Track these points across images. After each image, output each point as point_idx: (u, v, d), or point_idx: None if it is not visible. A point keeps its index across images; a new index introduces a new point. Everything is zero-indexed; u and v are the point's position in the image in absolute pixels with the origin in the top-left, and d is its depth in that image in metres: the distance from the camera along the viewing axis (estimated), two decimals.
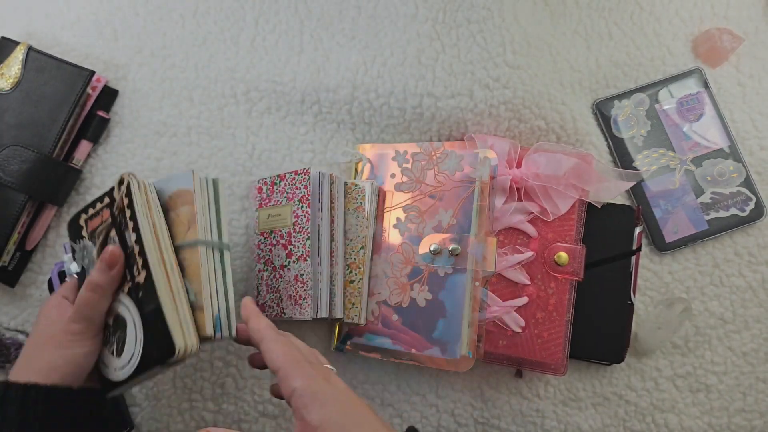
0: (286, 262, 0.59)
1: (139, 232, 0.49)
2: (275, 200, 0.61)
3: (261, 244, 0.62)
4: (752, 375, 0.64)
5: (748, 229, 0.65)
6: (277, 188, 0.61)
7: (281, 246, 0.59)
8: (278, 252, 0.60)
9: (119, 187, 0.51)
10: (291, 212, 0.59)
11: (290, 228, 0.59)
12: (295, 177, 0.59)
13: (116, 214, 0.51)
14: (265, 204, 0.62)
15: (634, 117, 0.67)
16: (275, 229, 0.60)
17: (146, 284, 0.48)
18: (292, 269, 0.58)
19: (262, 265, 0.61)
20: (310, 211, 0.58)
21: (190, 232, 0.51)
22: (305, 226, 0.58)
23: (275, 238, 0.60)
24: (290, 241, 0.59)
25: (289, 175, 0.60)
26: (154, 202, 0.51)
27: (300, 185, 0.59)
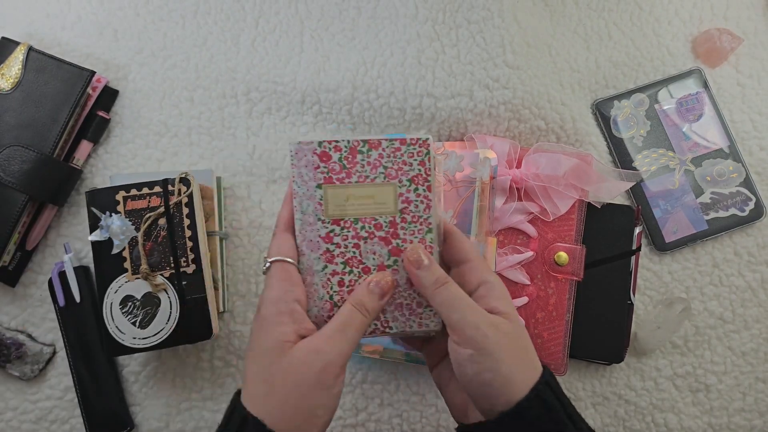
0: (389, 261, 0.45)
1: (195, 230, 0.59)
2: (361, 175, 0.45)
3: (334, 237, 0.45)
4: (752, 375, 0.64)
5: (747, 229, 0.65)
6: (363, 159, 0.44)
7: (379, 240, 0.45)
8: (373, 248, 0.45)
9: (179, 182, 0.59)
10: (395, 195, 0.44)
11: (395, 216, 0.45)
12: (400, 148, 0.44)
13: (171, 206, 0.58)
14: (340, 180, 0.44)
15: (634, 117, 0.67)
16: (363, 216, 0.45)
17: (194, 276, 0.58)
18: (402, 269, 0.45)
19: (340, 265, 0.45)
20: (431, 197, 0.44)
21: (208, 223, 0.62)
22: (423, 215, 0.44)
23: (365, 230, 0.45)
24: (396, 233, 0.44)
25: (389, 143, 0.44)
26: (200, 202, 0.61)
27: (412, 159, 0.44)
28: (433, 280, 0.42)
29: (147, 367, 0.63)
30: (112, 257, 0.58)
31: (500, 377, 0.39)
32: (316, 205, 0.45)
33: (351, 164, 0.44)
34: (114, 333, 0.58)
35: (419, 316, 0.45)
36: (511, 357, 0.40)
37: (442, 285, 0.42)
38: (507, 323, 0.41)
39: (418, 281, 0.43)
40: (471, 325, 0.40)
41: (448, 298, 0.41)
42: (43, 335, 0.64)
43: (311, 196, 0.44)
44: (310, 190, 0.44)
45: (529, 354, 0.42)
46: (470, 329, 0.40)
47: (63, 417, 0.63)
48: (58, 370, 0.63)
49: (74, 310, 0.62)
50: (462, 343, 0.40)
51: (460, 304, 0.41)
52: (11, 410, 0.63)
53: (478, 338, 0.39)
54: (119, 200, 0.59)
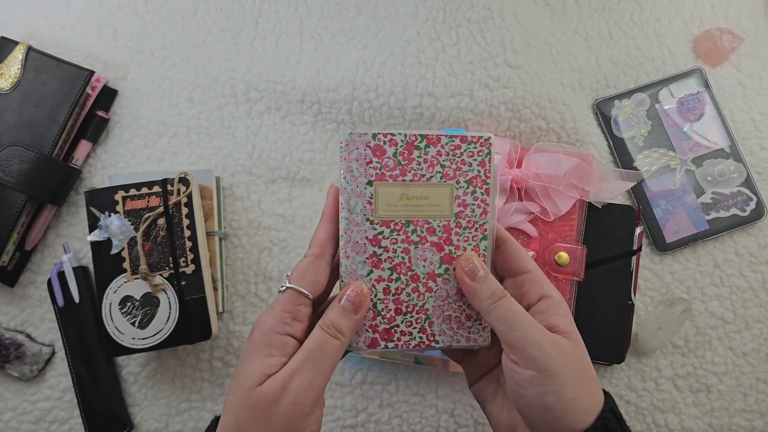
0: (440, 270, 0.41)
1: (194, 230, 0.59)
2: (416, 173, 0.40)
3: (382, 240, 0.41)
4: (753, 375, 0.63)
5: (748, 230, 0.65)
6: (420, 155, 0.40)
7: (431, 245, 0.41)
8: (424, 254, 0.41)
9: (178, 182, 0.59)
10: (452, 197, 0.41)
11: (450, 220, 0.41)
12: (460, 146, 0.40)
13: (170, 206, 0.58)
14: (394, 177, 0.40)
15: (635, 117, 0.67)
16: (416, 219, 0.41)
17: (193, 276, 0.58)
18: (454, 279, 0.41)
19: (387, 271, 0.41)
20: (489, 200, 0.41)
21: (207, 223, 0.62)
22: (479, 221, 0.41)
23: (416, 233, 0.41)
24: (449, 239, 0.41)
25: (448, 140, 0.40)
26: (200, 202, 0.61)
27: (472, 159, 0.40)
28: (489, 293, 0.39)
29: (146, 368, 0.63)
30: (111, 257, 0.58)
31: (564, 402, 0.36)
32: (365, 204, 0.40)
33: (406, 161, 0.40)
34: (113, 333, 0.58)
35: (468, 330, 0.42)
36: (574, 380, 0.37)
37: (500, 299, 0.39)
38: (569, 343, 0.38)
39: (473, 293, 0.40)
40: (533, 344, 0.37)
41: (505, 314, 0.38)
42: (42, 335, 0.64)
43: (360, 194, 0.40)
44: (360, 187, 0.40)
45: (592, 376, 0.39)
46: (532, 348, 0.37)
47: (62, 417, 0.62)
48: (58, 371, 0.63)
49: (73, 310, 0.62)
50: (522, 362, 0.37)
51: (520, 320, 0.38)
52: (10, 410, 0.63)
53: (541, 358, 0.36)
54: (118, 200, 0.59)
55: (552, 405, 0.36)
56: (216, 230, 0.62)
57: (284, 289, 0.39)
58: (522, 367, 0.37)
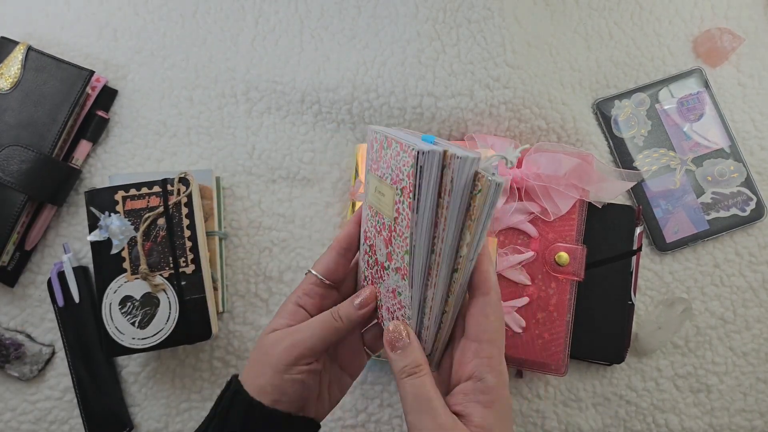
0: (386, 263, 0.42)
1: (194, 230, 0.59)
2: (381, 171, 0.41)
3: (368, 221, 0.43)
4: (753, 375, 0.63)
5: (748, 229, 0.65)
6: (386, 154, 0.40)
7: (383, 239, 0.41)
8: (380, 244, 0.42)
9: (178, 182, 0.59)
10: (393, 200, 0.39)
11: (391, 222, 0.40)
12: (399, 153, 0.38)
13: (170, 206, 0.58)
14: (374, 170, 0.42)
15: (635, 117, 0.67)
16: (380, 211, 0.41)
17: (193, 276, 0.58)
18: (390, 278, 0.41)
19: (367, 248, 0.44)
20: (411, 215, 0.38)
21: (207, 223, 0.62)
22: (404, 232, 0.39)
23: (379, 224, 0.42)
24: (391, 240, 0.40)
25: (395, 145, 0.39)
26: (200, 202, 0.61)
27: (405, 168, 0.38)
28: (401, 366, 0.39)
29: (146, 368, 0.63)
30: (111, 257, 0.58)
31: None
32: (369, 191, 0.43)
33: (379, 157, 0.41)
34: (113, 333, 0.57)
35: None
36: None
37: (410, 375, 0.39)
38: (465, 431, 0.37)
39: (390, 362, 0.40)
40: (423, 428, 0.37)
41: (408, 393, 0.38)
42: (42, 335, 0.64)
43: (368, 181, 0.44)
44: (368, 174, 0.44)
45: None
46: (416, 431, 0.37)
47: (62, 417, 0.62)
48: (58, 371, 0.63)
49: (73, 310, 0.62)
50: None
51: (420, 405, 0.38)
52: (10, 411, 0.62)
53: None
54: (118, 200, 0.59)
55: None
56: (216, 230, 0.62)
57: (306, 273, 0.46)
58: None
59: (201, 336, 0.59)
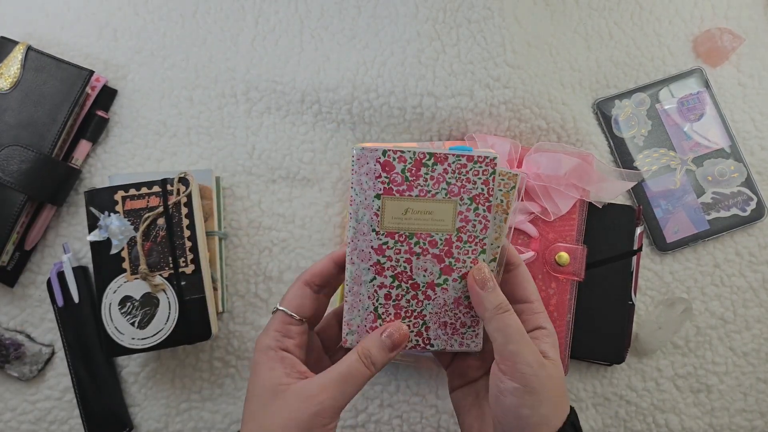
0: (439, 280, 0.44)
1: (194, 230, 0.59)
2: (422, 189, 0.42)
3: (386, 249, 0.44)
4: (753, 375, 0.63)
5: (749, 229, 0.65)
6: (427, 172, 0.42)
7: (432, 257, 0.43)
8: (425, 265, 0.44)
9: (178, 182, 0.59)
10: (455, 212, 0.43)
11: (452, 234, 0.43)
12: (466, 165, 0.42)
13: (170, 206, 0.58)
14: (401, 192, 0.43)
15: (635, 117, 0.67)
16: (419, 232, 0.43)
17: (193, 276, 0.58)
18: (452, 289, 0.44)
19: (389, 279, 0.44)
20: (489, 217, 0.43)
21: (207, 223, 0.62)
22: (479, 236, 0.43)
23: (419, 245, 0.43)
24: (450, 252, 0.43)
25: (455, 159, 0.42)
26: (199, 202, 0.60)
27: (477, 177, 0.42)
28: (496, 303, 0.41)
29: (146, 368, 0.63)
30: (111, 257, 0.58)
31: (537, 416, 0.40)
32: (372, 216, 0.43)
33: (414, 177, 0.42)
34: (113, 333, 0.57)
35: (461, 335, 0.44)
36: (550, 399, 0.40)
37: (504, 312, 0.41)
38: (553, 367, 0.41)
39: (480, 302, 0.42)
40: (524, 361, 0.40)
41: (506, 327, 0.41)
42: (42, 336, 0.64)
43: (368, 206, 0.43)
44: (368, 200, 0.43)
45: (565, 397, 0.42)
46: (522, 364, 0.40)
47: (62, 417, 0.62)
48: (57, 371, 0.63)
49: (73, 310, 0.62)
50: (510, 374, 0.40)
51: (517, 336, 0.41)
52: (10, 411, 0.62)
53: (527, 375, 0.40)
54: (118, 200, 0.58)
55: (526, 416, 0.40)
56: (216, 230, 0.62)
57: (275, 311, 0.43)
58: (509, 378, 0.40)
59: (201, 336, 0.58)
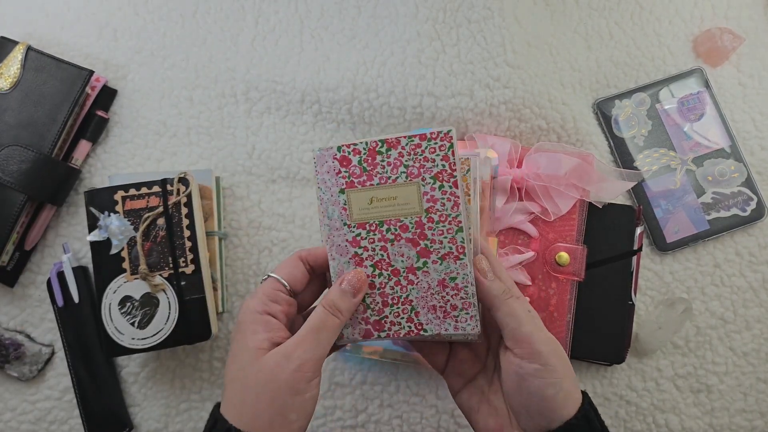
0: (419, 263, 0.44)
1: (194, 230, 0.59)
2: (381, 177, 0.43)
3: (361, 241, 0.44)
4: (753, 375, 0.63)
5: (749, 229, 0.65)
6: (383, 159, 0.43)
7: (406, 242, 0.43)
8: (401, 250, 0.44)
9: (178, 182, 0.59)
10: (419, 194, 0.43)
11: (421, 216, 0.43)
12: (421, 144, 0.42)
13: (170, 206, 0.58)
14: (362, 183, 0.43)
15: (635, 117, 0.67)
16: (388, 218, 0.43)
17: (193, 276, 0.58)
18: (433, 271, 0.43)
19: (370, 269, 0.44)
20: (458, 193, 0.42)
21: (207, 223, 0.62)
22: (451, 213, 0.43)
23: (390, 232, 0.44)
24: (423, 234, 0.43)
25: (408, 140, 0.42)
26: (199, 202, 0.60)
27: (434, 155, 0.42)
28: (502, 290, 0.42)
29: (146, 368, 0.63)
30: (111, 257, 0.58)
31: (562, 392, 0.40)
32: (341, 210, 0.44)
33: (371, 166, 0.43)
34: (113, 333, 0.57)
35: (455, 318, 0.43)
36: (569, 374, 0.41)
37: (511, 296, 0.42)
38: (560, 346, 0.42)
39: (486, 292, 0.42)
40: (540, 340, 0.40)
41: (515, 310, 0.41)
42: (42, 336, 0.64)
43: (335, 202, 0.44)
44: (334, 196, 0.44)
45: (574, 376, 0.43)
46: (539, 343, 0.40)
47: (62, 418, 0.62)
48: (57, 371, 0.63)
49: (73, 310, 0.62)
50: (528, 356, 0.40)
51: (530, 318, 0.41)
52: (10, 411, 0.62)
53: (546, 353, 0.40)
54: (118, 200, 0.58)
55: (552, 396, 0.40)
56: (216, 230, 0.62)
57: (265, 278, 0.43)
58: (527, 361, 0.40)
59: (201, 336, 0.58)
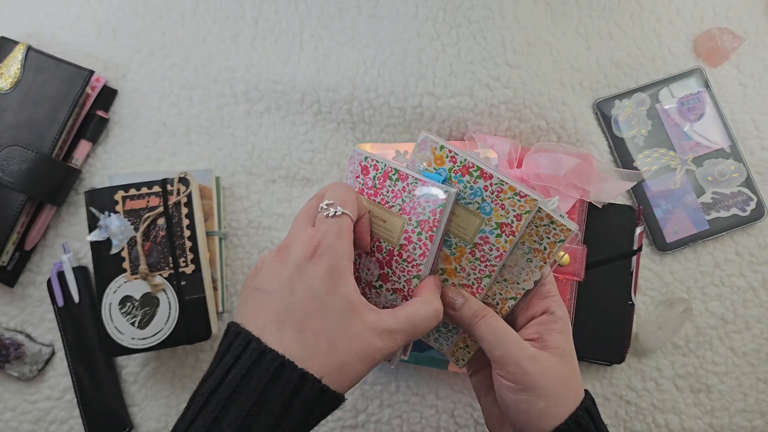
0: (376, 283, 0.45)
1: (194, 230, 0.59)
2: (383, 198, 0.44)
3: None
4: (753, 375, 0.63)
5: (748, 229, 0.65)
6: (390, 185, 0.43)
7: (376, 261, 0.45)
8: (369, 265, 0.45)
9: (178, 182, 0.59)
10: (402, 229, 0.43)
11: (395, 247, 0.43)
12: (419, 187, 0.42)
13: (170, 206, 0.58)
14: (369, 195, 0.44)
15: (635, 117, 0.67)
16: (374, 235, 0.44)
17: (193, 276, 0.58)
18: (383, 297, 0.45)
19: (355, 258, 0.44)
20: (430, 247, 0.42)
21: (207, 223, 0.62)
22: (417, 260, 0.43)
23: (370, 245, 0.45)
24: (390, 263, 0.44)
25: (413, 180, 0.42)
26: (199, 202, 0.60)
27: (427, 205, 0.42)
28: (471, 313, 0.43)
29: (146, 368, 0.63)
30: (111, 257, 0.58)
31: (536, 409, 0.40)
32: None
33: (380, 186, 0.44)
34: (113, 333, 0.57)
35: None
36: (550, 390, 0.41)
37: (481, 318, 0.42)
38: (551, 358, 0.42)
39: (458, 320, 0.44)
40: (512, 362, 0.41)
41: (487, 332, 0.42)
42: (42, 335, 0.64)
43: None
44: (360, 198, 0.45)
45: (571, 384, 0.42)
46: (511, 365, 0.41)
47: (62, 417, 0.62)
48: (57, 371, 0.63)
49: (73, 310, 0.62)
50: (504, 374, 0.41)
51: (501, 338, 0.42)
52: (10, 411, 0.62)
53: (518, 374, 0.41)
54: (118, 200, 0.59)
55: (525, 410, 0.41)
56: (216, 230, 0.62)
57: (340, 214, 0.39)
58: (503, 378, 0.41)
59: (201, 336, 0.58)
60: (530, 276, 0.44)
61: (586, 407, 0.42)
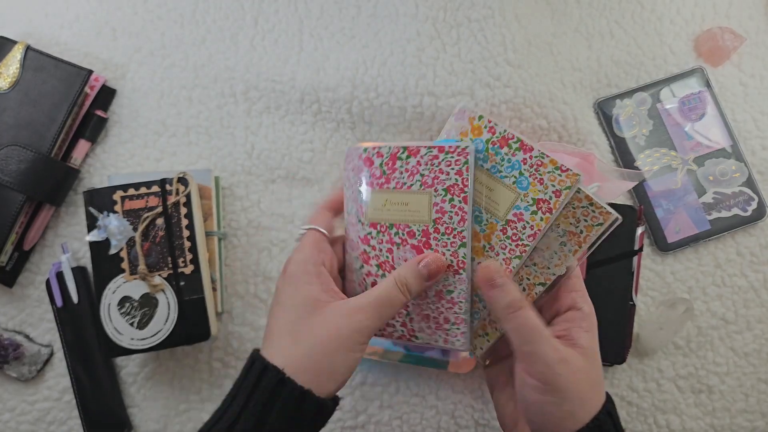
0: None
1: (193, 230, 0.58)
2: (398, 182, 0.43)
3: (371, 240, 0.44)
4: (754, 376, 0.63)
5: (750, 229, 0.65)
6: (402, 165, 0.43)
7: (411, 248, 0.43)
8: (405, 255, 0.43)
9: (177, 182, 0.59)
10: (430, 204, 0.42)
11: (428, 225, 0.42)
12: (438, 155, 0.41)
13: (169, 206, 0.58)
14: (380, 185, 0.43)
15: (636, 116, 0.66)
16: (398, 222, 0.43)
17: (192, 276, 0.58)
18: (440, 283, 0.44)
19: (374, 267, 0.44)
20: (466, 209, 0.41)
21: (206, 224, 0.61)
22: (457, 228, 0.41)
23: (398, 236, 0.43)
24: (428, 243, 0.42)
25: (427, 150, 0.42)
26: (199, 202, 0.60)
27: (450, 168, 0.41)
28: (506, 302, 0.40)
29: (145, 369, 0.63)
30: (110, 257, 0.58)
31: (561, 412, 0.39)
32: (358, 207, 0.44)
33: (390, 170, 0.43)
34: (112, 334, 0.57)
35: (446, 332, 0.43)
36: (577, 393, 0.39)
37: (516, 310, 0.40)
38: (580, 359, 0.40)
39: (491, 301, 0.41)
40: (542, 361, 0.39)
41: (520, 326, 0.40)
42: (41, 336, 0.63)
43: (355, 199, 0.45)
44: (354, 193, 0.45)
45: (596, 387, 0.41)
46: (540, 365, 0.39)
47: (61, 418, 0.62)
48: (56, 371, 0.63)
49: (72, 310, 0.61)
50: (530, 372, 0.39)
51: (533, 335, 0.40)
52: (9, 411, 0.62)
53: (547, 374, 0.39)
54: (117, 200, 0.58)
55: (549, 412, 0.39)
56: (215, 230, 0.62)
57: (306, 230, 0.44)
58: (529, 376, 0.39)
59: (200, 337, 0.58)
60: (562, 261, 0.42)
61: (608, 411, 0.40)
